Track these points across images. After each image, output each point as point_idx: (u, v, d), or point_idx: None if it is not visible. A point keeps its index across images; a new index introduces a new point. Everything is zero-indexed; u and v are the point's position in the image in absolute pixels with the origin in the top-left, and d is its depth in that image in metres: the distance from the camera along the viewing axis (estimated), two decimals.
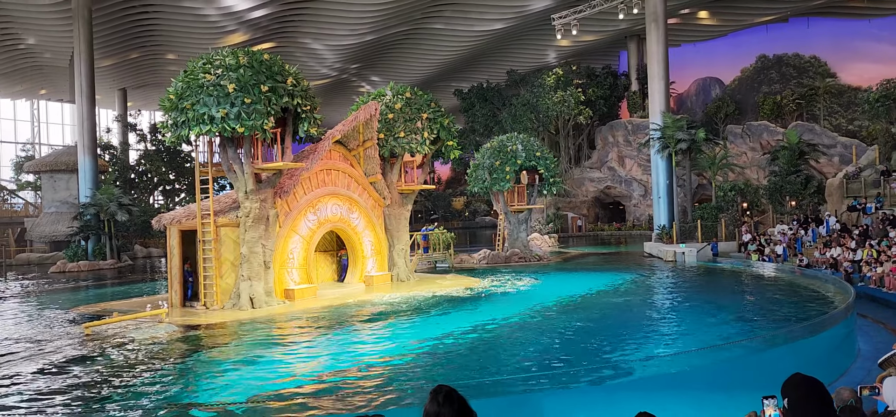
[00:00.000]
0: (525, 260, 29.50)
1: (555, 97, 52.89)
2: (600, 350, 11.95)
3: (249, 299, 17.41)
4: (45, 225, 42.99)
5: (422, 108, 23.48)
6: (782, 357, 9.75)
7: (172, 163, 54.63)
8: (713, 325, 14.11)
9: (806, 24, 51.55)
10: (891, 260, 17.36)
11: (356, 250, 21.88)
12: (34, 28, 43.08)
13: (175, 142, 17.72)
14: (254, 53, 17.50)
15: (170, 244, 18.93)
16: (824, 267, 20.75)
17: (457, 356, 11.92)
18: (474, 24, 48.79)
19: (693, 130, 33.07)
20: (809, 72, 51.33)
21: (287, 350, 12.93)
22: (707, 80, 57.07)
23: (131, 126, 57.95)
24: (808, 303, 15.71)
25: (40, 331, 15.70)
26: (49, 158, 46.36)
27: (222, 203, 18.75)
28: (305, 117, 18.17)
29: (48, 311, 19.30)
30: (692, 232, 31.32)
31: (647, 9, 35.69)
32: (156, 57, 51.50)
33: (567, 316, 15.74)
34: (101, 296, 23.18)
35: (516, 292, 20.34)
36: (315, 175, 19.94)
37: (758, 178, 43.58)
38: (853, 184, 26.48)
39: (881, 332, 13.15)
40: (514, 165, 29.78)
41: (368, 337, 14.05)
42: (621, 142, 53.75)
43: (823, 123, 47.96)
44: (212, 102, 16.45)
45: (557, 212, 51.01)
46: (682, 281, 22.20)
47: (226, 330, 15.12)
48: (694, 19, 52.07)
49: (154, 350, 13.05)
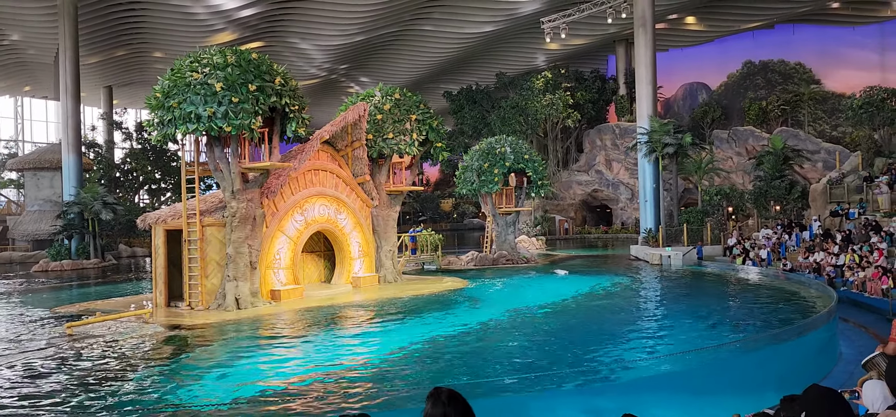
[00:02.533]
0: (512, 263, 29.55)
1: (543, 100, 53.07)
2: (586, 352, 11.99)
3: (235, 300, 17.30)
4: (27, 224, 42.48)
5: (411, 110, 23.47)
6: (765, 360, 9.84)
7: (158, 161, 54.19)
8: (697, 328, 14.20)
9: (791, 30, 52.12)
10: (873, 266, 17.57)
11: (344, 251, 21.82)
12: (19, 24, 42.56)
13: (161, 141, 17.59)
14: (242, 52, 17.41)
15: (155, 243, 18.78)
16: (807, 271, 20.96)
17: (444, 357, 11.91)
18: (464, 26, 48.85)
19: (680, 135, 33.29)
20: (794, 79, 51.91)
21: (272, 351, 12.86)
22: (694, 85, 57.54)
23: (117, 124, 57.41)
24: (791, 307, 15.86)
25: (20, 331, 15.50)
26: (32, 156, 45.82)
27: (208, 202, 18.62)
28: (293, 117, 18.10)
29: (29, 311, 19.07)
30: (678, 236, 31.52)
31: (636, 14, 35.91)
32: (142, 55, 51.05)
33: (554, 318, 15.78)
34: (84, 296, 22.92)
35: (503, 294, 20.37)
36: (303, 175, 19.87)
37: (743, 183, 43.95)
38: (836, 190, 26.78)
39: (863, 336, 13.31)
40: (503, 168, 29.84)
41: (354, 339, 14.01)
42: (609, 145, 54.02)
43: (808, 129, 48.49)
44: (199, 101, 16.35)
45: (545, 215, 51.16)
46: (667, 285, 22.34)
47: (211, 331, 15.02)
48: (681, 25, 52.46)
49: (137, 351, 12.93)
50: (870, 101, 28.87)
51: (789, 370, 9.62)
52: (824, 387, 3.26)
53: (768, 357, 9.90)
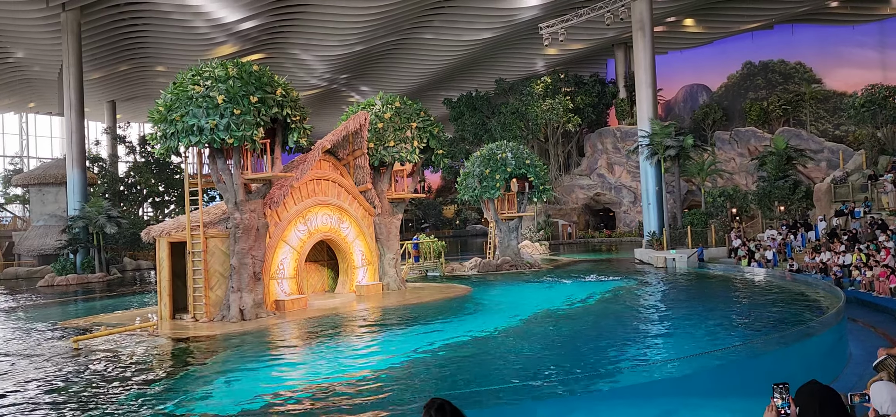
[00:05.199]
0: (516, 268, 29.50)
1: (543, 105, 53.13)
2: (594, 357, 11.94)
3: (239, 311, 17.29)
4: (33, 239, 42.56)
5: (411, 117, 23.49)
6: (774, 362, 9.78)
7: (162, 174, 54.31)
8: (705, 330, 14.14)
9: (791, 30, 52.13)
10: (880, 264, 17.49)
11: (347, 260, 21.80)
12: (23, 41, 42.79)
13: (164, 154, 17.62)
14: (243, 65, 17.46)
15: (159, 256, 18.78)
16: (814, 271, 20.88)
17: (449, 365, 11.86)
18: (463, 33, 48.95)
19: (681, 137, 33.27)
20: (795, 78, 51.89)
21: (276, 362, 12.84)
22: (694, 87, 57.55)
23: (120, 138, 57.61)
24: (799, 308, 15.78)
25: (28, 346, 15.51)
26: (37, 171, 45.95)
27: (212, 214, 18.64)
28: (295, 128, 18.12)
29: (36, 325, 19.08)
30: (682, 239, 31.46)
31: (634, 17, 35.95)
32: (145, 69, 51.27)
33: (561, 324, 15.73)
34: (90, 310, 22.94)
35: (508, 300, 20.31)
36: (305, 185, 19.88)
37: (746, 184, 43.88)
38: (841, 189, 26.69)
39: (872, 336, 13.23)
40: (504, 173, 29.83)
41: (359, 348, 13.98)
42: (610, 149, 54.00)
43: (810, 128, 48.43)
44: (201, 113, 16.39)
45: (548, 220, 51.11)
46: (673, 287, 22.27)
47: (215, 343, 15.00)
48: (680, 27, 52.50)
49: (143, 364, 12.92)
50: (871, 99, 28.81)
51: (798, 372, 9.56)
52: (818, 384, 3.29)
53: (777, 359, 9.84)
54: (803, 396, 3.27)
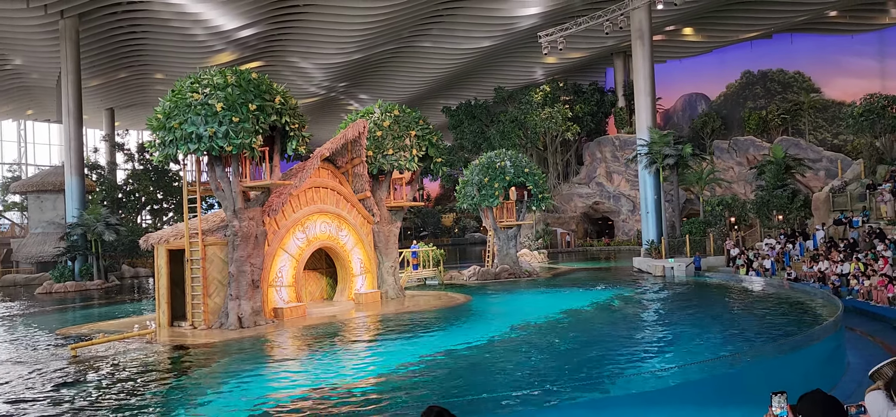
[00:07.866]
0: (515, 276, 29.48)
1: (542, 113, 53.21)
2: (593, 365, 11.91)
3: (238, 318, 17.26)
4: (31, 246, 42.50)
5: (410, 126, 23.53)
6: (772, 371, 9.77)
7: (160, 182, 54.30)
8: (703, 339, 14.12)
9: (789, 40, 52.30)
10: (878, 274, 17.50)
11: (346, 268, 21.79)
12: (21, 48, 42.84)
13: (163, 161, 17.64)
14: (241, 72, 17.50)
15: (157, 263, 18.77)
16: (812, 280, 20.89)
17: (447, 373, 11.84)
18: (461, 42, 49.07)
19: (680, 146, 33.31)
20: (794, 88, 52.03)
21: (274, 370, 12.81)
22: (693, 96, 57.70)
23: (119, 145, 57.62)
24: (797, 317, 15.77)
25: (26, 354, 15.46)
26: (36, 179, 45.92)
27: (210, 221, 18.63)
28: (293, 135, 18.15)
29: (34, 333, 19.02)
30: (681, 247, 31.46)
31: (633, 26, 36.06)
32: (143, 77, 51.33)
33: (560, 332, 15.70)
34: (88, 317, 22.88)
35: (507, 308, 20.28)
36: (303, 193, 19.89)
37: (745, 193, 43.92)
38: (839, 198, 26.72)
39: (870, 345, 13.23)
40: (503, 181, 29.85)
41: (358, 356, 13.95)
42: (609, 157, 54.07)
43: (808, 138, 48.53)
44: (199, 121, 16.41)
45: (546, 228, 51.11)
46: (671, 296, 22.25)
47: (214, 350, 14.96)
48: (679, 36, 52.67)
49: (142, 371, 12.88)
50: (870, 109, 28.86)
51: (796, 380, 9.55)
52: (821, 393, 3.29)
53: (775, 368, 9.83)
54: (806, 404, 3.27)
